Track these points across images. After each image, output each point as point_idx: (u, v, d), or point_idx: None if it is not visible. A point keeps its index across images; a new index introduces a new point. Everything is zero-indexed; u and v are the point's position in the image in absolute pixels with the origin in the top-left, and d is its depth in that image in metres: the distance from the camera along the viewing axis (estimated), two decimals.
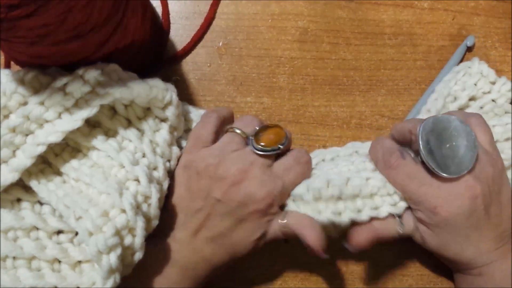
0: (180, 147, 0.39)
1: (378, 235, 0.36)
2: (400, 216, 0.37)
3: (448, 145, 0.34)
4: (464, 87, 0.42)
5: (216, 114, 0.37)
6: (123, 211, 0.31)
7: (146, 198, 0.33)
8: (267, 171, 0.35)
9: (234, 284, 0.41)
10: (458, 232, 0.34)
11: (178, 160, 0.37)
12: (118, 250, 0.29)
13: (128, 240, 0.31)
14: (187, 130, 0.40)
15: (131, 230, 0.31)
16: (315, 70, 0.46)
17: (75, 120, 0.32)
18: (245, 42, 0.46)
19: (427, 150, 0.34)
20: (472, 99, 0.42)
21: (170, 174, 0.36)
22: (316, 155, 0.41)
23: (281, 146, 0.36)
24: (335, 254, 0.42)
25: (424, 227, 0.35)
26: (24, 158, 0.32)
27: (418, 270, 0.42)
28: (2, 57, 0.43)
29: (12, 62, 0.42)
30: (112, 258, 0.29)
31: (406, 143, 0.37)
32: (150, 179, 0.33)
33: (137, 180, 0.33)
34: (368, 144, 0.40)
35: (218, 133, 0.38)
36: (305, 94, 0.45)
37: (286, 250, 0.42)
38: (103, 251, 0.29)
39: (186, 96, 0.44)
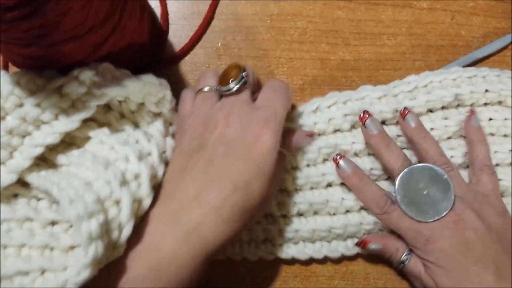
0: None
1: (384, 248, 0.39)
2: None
3: (425, 192, 0.37)
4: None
5: (190, 90, 0.38)
6: (108, 183, 0.31)
7: (136, 176, 0.32)
8: (251, 106, 0.35)
9: (234, 284, 0.41)
10: (457, 267, 0.35)
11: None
12: (100, 218, 0.29)
13: (113, 211, 0.30)
14: None
15: (117, 202, 0.30)
16: (314, 70, 0.45)
17: (72, 121, 0.32)
18: (244, 42, 0.46)
19: (405, 201, 0.37)
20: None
21: (166, 164, 0.36)
22: (331, 97, 0.42)
23: (244, 74, 0.35)
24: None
25: (429, 269, 0.36)
26: (21, 160, 0.32)
27: None
28: (0, 59, 0.43)
29: (10, 64, 0.42)
30: (93, 225, 0.28)
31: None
32: (140, 158, 0.33)
33: (127, 159, 0.33)
34: (379, 88, 0.42)
35: None
36: (304, 94, 0.45)
37: None
38: (83, 217, 0.28)
39: None
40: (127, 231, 0.31)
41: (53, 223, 0.32)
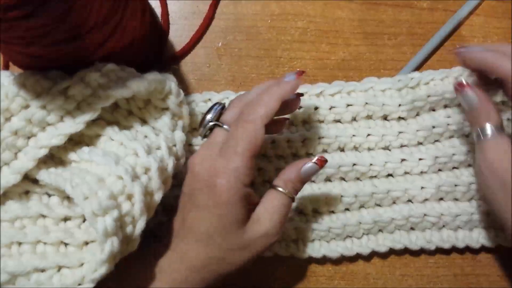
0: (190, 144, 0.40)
1: None
2: None
3: None
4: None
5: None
6: (120, 177, 0.31)
7: (146, 170, 0.33)
8: None
9: (233, 283, 0.41)
10: None
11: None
12: (114, 213, 0.29)
13: (126, 206, 0.30)
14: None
15: (129, 197, 0.31)
16: (315, 70, 0.45)
17: (77, 123, 0.32)
18: (245, 42, 0.46)
19: None
20: None
21: (177, 157, 0.36)
22: (336, 85, 0.43)
23: None
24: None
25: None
26: (26, 161, 0.32)
27: (418, 270, 0.42)
28: (1, 58, 0.43)
29: (10, 63, 0.42)
30: (108, 221, 0.29)
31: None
32: (149, 152, 0.33)
33: (136, 153, 0.33)
34: (384, 81, 0.42)
35: None
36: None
37: None
38: (98, 213, 0.29)
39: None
40: (140, 225, 0.31)
41: (65, 219, 0.33)
